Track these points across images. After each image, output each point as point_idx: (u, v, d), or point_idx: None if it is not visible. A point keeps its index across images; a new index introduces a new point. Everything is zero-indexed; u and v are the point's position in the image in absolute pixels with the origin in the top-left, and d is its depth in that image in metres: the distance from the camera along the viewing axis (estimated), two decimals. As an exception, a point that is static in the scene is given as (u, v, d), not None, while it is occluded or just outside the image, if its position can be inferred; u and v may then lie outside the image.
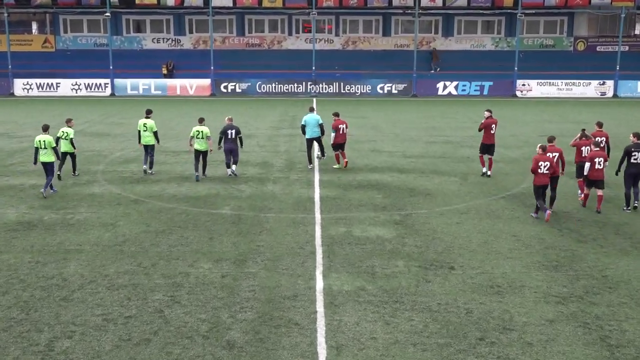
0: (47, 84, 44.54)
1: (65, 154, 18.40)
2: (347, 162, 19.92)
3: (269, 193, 16.83)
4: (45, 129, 16.93)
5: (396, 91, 45.00)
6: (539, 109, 36.98)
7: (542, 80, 44.62)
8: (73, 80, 44.54)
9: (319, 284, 10.58)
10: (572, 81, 44.47)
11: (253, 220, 14.29)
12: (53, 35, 50.02)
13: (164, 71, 46.28)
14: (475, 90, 44.94)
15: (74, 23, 50.16)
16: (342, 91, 44.91)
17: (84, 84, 44.53)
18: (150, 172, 19.10)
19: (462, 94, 44.72)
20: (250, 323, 9.17)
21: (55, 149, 16.77)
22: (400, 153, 22.67)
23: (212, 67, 44.58)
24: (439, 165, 20.51)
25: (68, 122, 18.95)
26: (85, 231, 13.49)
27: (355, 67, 47.36)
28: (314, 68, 44.67)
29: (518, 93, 44.59)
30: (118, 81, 44.65)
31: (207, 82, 45.00)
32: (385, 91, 44.97)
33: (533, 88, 44.68)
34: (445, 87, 44.97)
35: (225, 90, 44.93)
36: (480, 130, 19.03)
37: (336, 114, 19.81)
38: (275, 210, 15.12)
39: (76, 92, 44.48)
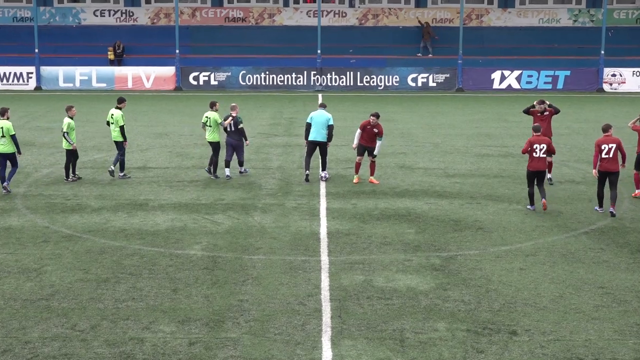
0: (-52, 73, 44.97)
1: (68, 151, 20.88)
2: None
3: (255, 227, 16.85)
4: (3, 112, 18.91)
5: (434, 84, 45.13)
6: (635, 108, 36.93)
7: (640, 69, 44.78)
8: (-16, 69, 44.96)
9: (327, 354, 10.55)
10: (683, 70, 44.63)
11: (234, 265, 14.29)
12: (-43, 7, 50.54)
13: (111, 56, 46.56)
14: (545, 83, 45.01)
15: (-15, -11, 50.66)
16: (358, 84, 45.06)
17: (-1, 73, 44.95)
18: (116, 173, 21.18)
19: (527, 88, 44.78)
20: (229, 410, 9.15)
21: (14, 138, 18.83)
22: (440, 170, 22.71)
23: (177, 51, 44.86)
24: (494, 188, 20.52)
25: (68, 110, 20.88)
26: (-1, 279, 13.52)
27: (377, 51, 47.57)
28: (319, 52, 44.91)
29: (605, 86, 44.66)
30: (46, 70, 44.94)
31: (170, 71, 45.26)
32: (420, 84, 45.10)
33: (627, 79, 44.71)
34: (503, 77, 45.06)
35: (195, 83, 45.13)
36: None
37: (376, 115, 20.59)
38: (265, 251, 15.12)
39: (-12, 85, 44.88)
